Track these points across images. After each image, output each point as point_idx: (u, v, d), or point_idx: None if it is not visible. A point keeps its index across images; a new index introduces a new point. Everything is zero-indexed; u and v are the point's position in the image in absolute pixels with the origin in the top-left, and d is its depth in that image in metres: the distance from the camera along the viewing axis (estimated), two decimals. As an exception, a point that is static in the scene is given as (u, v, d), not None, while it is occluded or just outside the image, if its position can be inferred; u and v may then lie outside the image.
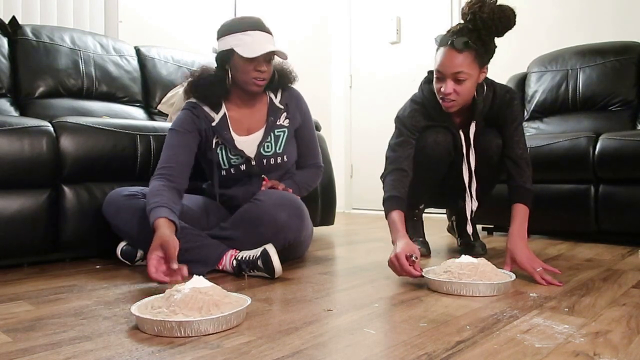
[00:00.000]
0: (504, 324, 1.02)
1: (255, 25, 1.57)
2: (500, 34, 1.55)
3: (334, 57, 4.37)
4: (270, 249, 1.45)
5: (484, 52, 1.56)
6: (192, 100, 1.70)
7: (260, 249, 1.47)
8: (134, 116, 2.42)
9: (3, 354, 0.86)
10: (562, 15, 3.12)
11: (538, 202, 1.64)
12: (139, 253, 1.66)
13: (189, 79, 1.71)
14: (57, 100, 2.24)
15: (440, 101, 1.63)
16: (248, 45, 1.54)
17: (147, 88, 2.59)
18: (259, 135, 1.69)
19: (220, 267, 1.53)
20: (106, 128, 1.78)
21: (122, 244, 1.69)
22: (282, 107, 1.74)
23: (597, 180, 2.20)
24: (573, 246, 2.14)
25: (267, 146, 1.69)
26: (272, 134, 1.70)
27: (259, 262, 1.45)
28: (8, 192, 1.60)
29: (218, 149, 1.67)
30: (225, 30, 1.59)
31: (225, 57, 1.61)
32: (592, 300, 1.22)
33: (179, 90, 2.48)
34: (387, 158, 1.77)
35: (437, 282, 1.31)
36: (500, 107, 1.71)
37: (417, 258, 1.38)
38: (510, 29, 1.55)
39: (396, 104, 1.93)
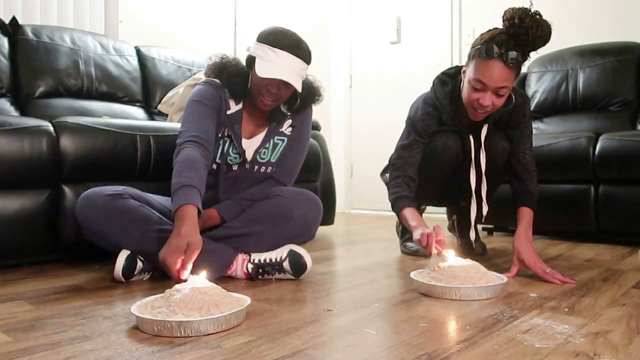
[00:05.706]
0: (504, 324, 1.02)
1: (289, 46, 1.45)
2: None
3: (334, 57, 4.37)
4: (299, 249, 1.46)
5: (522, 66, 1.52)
6: (215, 80, 1.58)
7: (283, 250, 1.45)
8: (134, 116, 2.42)
9: (3, 354, 0.86)
10: (562, 15, 3.12)
11: (538, 202, 1.64)
12: (139, 265, 1.43)
13: (216, 60, 1.60)
14: (57, 100, 2.24)
15: (471, 110, 1.58)
16: (267, 63, 1.44)
17: (147, 88, 2.59)
18: (258, 139, 1.61)
19: (229, 273, 1.45)
20: (106, 128, 1.77)
21: (122, 262, 1.40)
22: (288, 113, 1.63)
23: (597, 180, 2.20)
24: (573, 246, 2.14)
25: (264, 153, 1.60)
26: (271, 140, 1.61)
27: (286, 264, 1.43)
28: (8, 192, 1.60)
29: (221, 140, 1.56)
30: (262, 37, 1.50)
31: (249, 62, 1.55)
32: (592, 300, 1.22)
33: (179, 90, 2.48)
34: (393, 160, 1.75)
35: (426, 285, 1.28)
36: (512, 111, 1.68)
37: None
38: None
39: (396, 104, 1.92)
